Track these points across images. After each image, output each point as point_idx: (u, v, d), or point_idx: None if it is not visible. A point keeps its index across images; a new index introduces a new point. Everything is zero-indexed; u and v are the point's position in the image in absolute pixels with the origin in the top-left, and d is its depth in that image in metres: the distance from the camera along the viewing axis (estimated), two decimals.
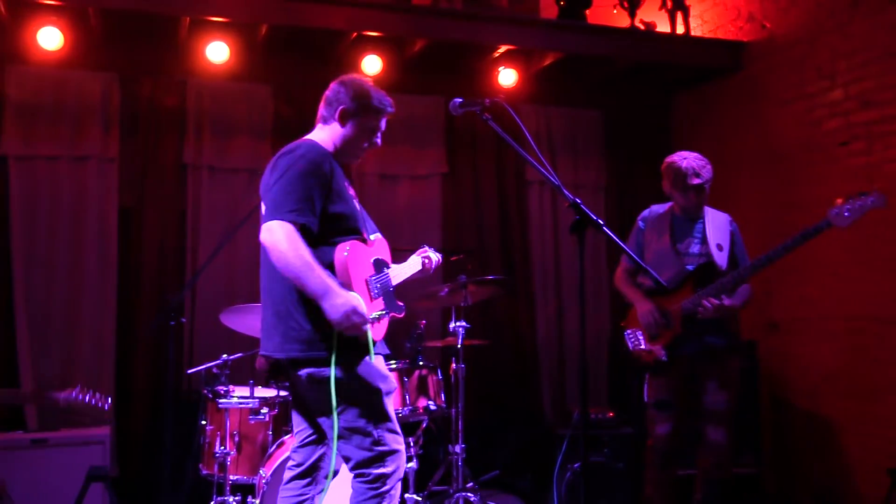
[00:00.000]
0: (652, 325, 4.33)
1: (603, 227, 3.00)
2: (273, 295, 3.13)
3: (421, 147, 6.53)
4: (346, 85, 3.32)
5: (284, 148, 3.19)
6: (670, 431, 4.34)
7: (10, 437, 5.04)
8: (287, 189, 3.00)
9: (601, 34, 6.33)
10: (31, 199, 5.69)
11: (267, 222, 2.98)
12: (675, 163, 4.37)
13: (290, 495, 3.28)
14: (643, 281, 4.50)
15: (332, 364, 2.99)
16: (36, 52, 5.54)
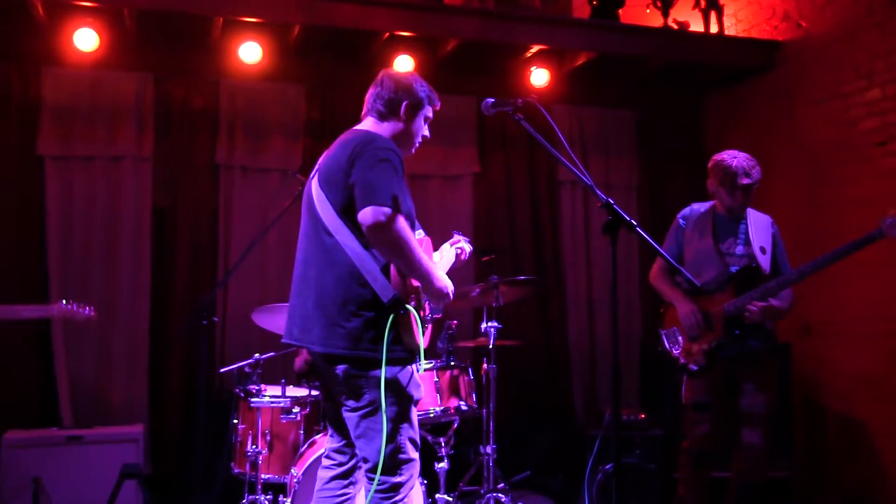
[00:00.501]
0: (694, 326, 4.28)
1: (636, 227, 2.97)
2: (322, 288, 3.07)
3: (453, 147, 6.53)
4: (403, 80, 3.34)
5: (356, 137, 3.15)
6: (707, 433, 4.30)
7: (45, 434, 5.10)
8: (384, 177, 2.98)
9: (634, 34, 6.29)
10: (67, 198, 5.76)
11: (376, 206, 2.90)
12: (725, 161, 4.31)
13: (331, 495, 3.27)
14: (682, 280, 4.44)
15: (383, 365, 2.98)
16: (72, 54, 5.61)
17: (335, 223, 3.07)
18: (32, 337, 5.64)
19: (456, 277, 5.92)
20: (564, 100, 6.69)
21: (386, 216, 2.90)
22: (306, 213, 3.24)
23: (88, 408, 5.67)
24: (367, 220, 2.91)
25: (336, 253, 3.06)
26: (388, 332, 2.99)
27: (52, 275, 5.65)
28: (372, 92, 3.33)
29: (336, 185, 3.08)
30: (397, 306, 2.99)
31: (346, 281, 3.03)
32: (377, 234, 2.93)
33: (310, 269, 3.15)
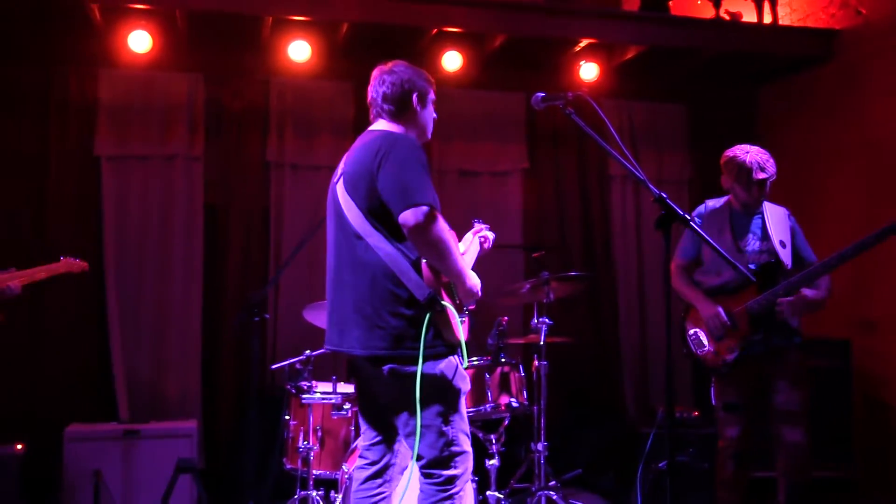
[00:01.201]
0: (719, 327, 4.19)
1: (690, 221, 2.92)
2: (358, 292, 3.07)
3: (501, 143, 6.50)
4: (403, 72, 3.29)
5: (378, 138, 3.14)
6: (740, 433, 4.21)
7: (104, 428, 5.21)
8: (417, 176, 2.97)
9: (685, 26, 6.20)
10: (122, 197, 5.87)
11: (416, 207, 2.89)
12: (738, 157, 4.22)
13: (367, 495, 3.27)
14: (702, 279, 4.35)
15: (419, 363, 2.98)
16: (126, 56, 5.71)
17: (364, 226, 3.06)
18: (91, 333, 5.76)
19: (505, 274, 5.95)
20: (614, 94, 6.62)
21: (427, 216, 2.89)
22: (333, 217, 3.23)
23: (144, 403, 5.77)
24: (408, 222, 2.90)
25: (367, 255, 3.05)
26: (425, 329, 2.98)
27: (108, 272, 5.77)
28: (375, 93, 3.29)
29: (363, 187, 3.07)
30: (433, 303, 2.98)
31: (380, 282, 3.03)
32: (420, 234, 2.92)
33: (343, 273, 3.15)
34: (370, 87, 3.32)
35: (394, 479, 3.32)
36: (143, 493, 5.04)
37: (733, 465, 4.24)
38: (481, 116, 6.47)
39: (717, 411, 4.32)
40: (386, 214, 3.02)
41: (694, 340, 4.33)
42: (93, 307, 5.77)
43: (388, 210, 3.00)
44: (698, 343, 4.31)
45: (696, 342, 4.32)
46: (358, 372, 3.29)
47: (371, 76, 3.33)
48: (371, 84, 3.31)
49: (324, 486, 4.66)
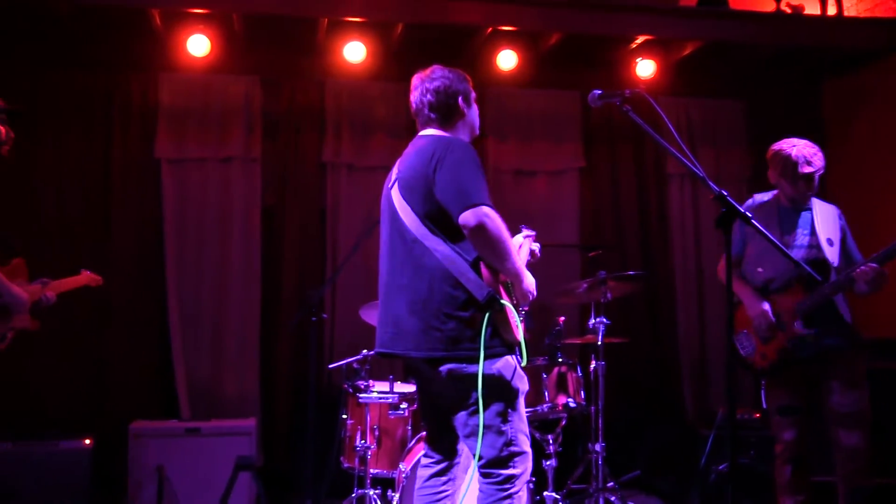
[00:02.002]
0: (765, 327, 4.09)
1: (751, 219, 2.87)
2: (415, 294, 3.09)
3: (557, 142, 6.46)
4: (444, 77, 3.32)
5: (432, 142, 3.16)
6: (796, 437, 4.09)
7: (166, 425, 5.32)
8: (474, 177, 3.01)
9: (744, 20, 6.08)
10: (181, 199, 5.97)
11: (475, 208, 2.92)
12: (784, 151, 4.14)
13: (431, 492, 3.29)
14: (751, 277, 4.23)
15: (480, 363, 2.98)
16: (185, 60, 5.81)
17: (420, 229, 3.08)
18: (153, 333, 5.88)
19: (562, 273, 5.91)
20: (671, 91, 6.53)
21: (487, 217, 2.92)
22: (388, 221, 3.26)
23: (204, 401, 5.86)
24: (469, 223, 2.93)
25: (425, 258, 3.07)
26: (484, 330, 2.98)
27: (168, 272, 5.87)
28: (419, 103, 3.31)
29: (419, 191, 3.09)
30: (493, 303, 2.98)
31: (438, 284, 3.04)
32: (480, 235, 2.94)
33: (398, 276, 3.17)
34: (413, 96, 3.35)
35: (457, 478, 3.33)
36: (204, 489, 5.11)
37: (791, 469, 4.13)
38: (536, 115, 6.44)
39: (771, 415, 4.21)
40: (443, 217, 3.04)
41: (741, 342, 4.24)
42: (155, 308, 5.88)
43: (445, 213, 3.03)
44: (745, 345, 4.21)
45: (743, 344, 4.22)
46: (416, 374, 3.31)
47: (411, 85, 3.36)
48: (413, 93, 3.34)
49: (381, 484, 4.68)
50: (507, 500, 3.07)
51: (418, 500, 3.30)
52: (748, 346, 4.20)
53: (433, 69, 3.35)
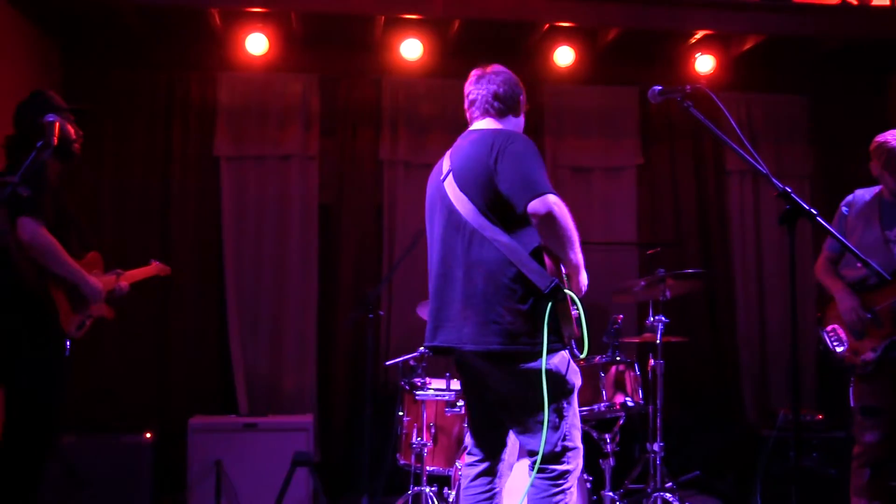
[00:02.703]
0: (857, 323, 3.97)
1: (816, 216, 2.80)
2: (472, 287, 3.05)
3: (614, 139, 6.40)
4: (509, 74, 3.34)
5: (490, 133, 3.15)
6: (880, 439, 3.96)
7: (225, 421, 5.39)
8: (538, 168, 3.00)
9: (807, 13, 5.93)
10: (240, 197, 6.04)
11: (543, 196, 2.91)
12: (888, 143, 4.00)
13: (478, 492, 3.26)
14: (846, 273, 4.12)
15: (543, 357, 2.95)
16: (243, 58, 5.88)
17: (479, 220, 3.05)
18: (212, 329, 5.96)
19: (619, 271, 5.86)
20: (731, 86, 6.41)
21: (557, 205, 2.91)
22: (442, 213, 3.21)
23: (262, 396, 5.93)
24: (539, 211, 2.90)
25: (485, 250, 3.04)
26: (547, 321, 2.96)
27: (227, 269, 5.95)
28: (484, 90, 3.29)
29: (478, 182, 3.06)
30: (557, 291, 2.96)
31: (498, 277, 3.01)
32: (549, 224, 2.92)
33: (453, 269, 3.13)
34: (473, 85, 3.33)
35: (503, 475, 3.31)
36: (262, 484, 5.17)
37: (870, 473, 4.00)
38: (594, 112, 6.39)
39: (854, 414, 4.08)
40: (503, 208, 3.02)
41: (832, 337, 4.12)
42: (214, 305, 5.96)
43: (504, 203, 3.00)
44: (837, 340, 4.10)
45: (835, 339, 4.11)
46: (467, 369, 3.25)
47: (470, 76, 3.36)
48: (474, 83, 3.33)
49: (437, 482, 4.69)
50: (559, 495, 3.05)
51: (465, 499, 3.29)
52: (840, 343, 4.09)
53: (496, 66, 3.35)
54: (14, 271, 3.56)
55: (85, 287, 3.74)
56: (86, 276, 3.74)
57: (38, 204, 3.55)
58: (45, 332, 3.64)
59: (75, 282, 3.70)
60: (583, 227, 3.62)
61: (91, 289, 3.77)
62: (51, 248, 3.56)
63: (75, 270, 3.68)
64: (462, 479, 3.36)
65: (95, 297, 3.82)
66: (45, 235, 3.54)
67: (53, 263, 3.59)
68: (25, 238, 3.51)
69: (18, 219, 3.51)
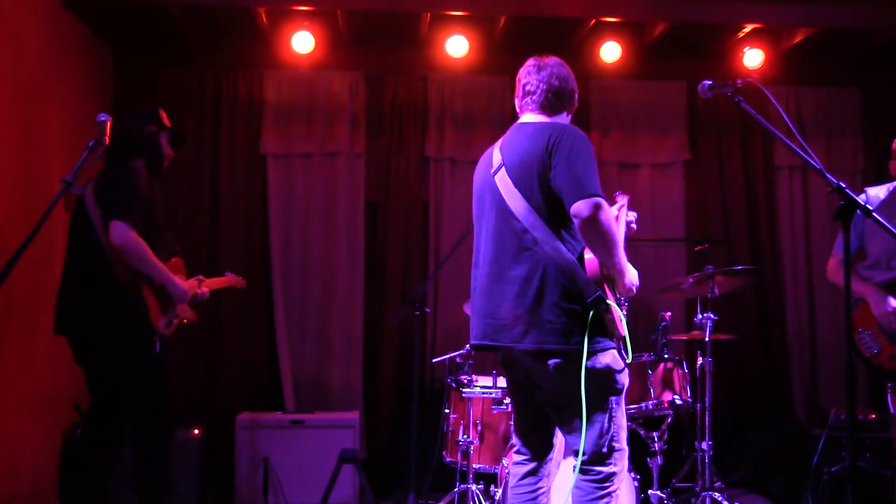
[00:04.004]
0: (894, 325, 3.88)
1: (872, 212, 2.74)
2: (525, 286, 3.02)
3: (662, 134, 6.34)
4: (565, 70, 3.29)
5: (545, 126, 3.11)
6: None
7: (272, 417, 5.43)
8: (590, 167, 2.96)
9: (858, 4, 5.81)
10: (286, 194, 6.09)
11: (588, 198, 2.87)
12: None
13: (526, 491, 3.25)
14: (869, 274, 4.02)
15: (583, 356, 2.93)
16: (290, 57, 5.92)
17: (530, 218, 3.02)
18: (259, 327, 6.01)
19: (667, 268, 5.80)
20: (780, 80, 6.31)
21: (601, 209, 2.86)
22: (493, 209, 3.16)
23: (309, 393, 5.97)
24: (582, 213, 2.86)
25: (536, 249, 3.01)
26: (590, 325, 2.94)
27: (274, 266, 6.00)
28: (541, 82, 3.23)
29: (532, 177, 3.02)
30: (600, 302, 2.94)
31: (550, 277, 2.98)
32: (591, 226, 2.87)
33: (505, 266, 3.08)
34: (532, 75, 3.26)
35: (551, 474, 3.29)
36: (308, 480, 5.21)
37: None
38: (641, 107, 6.33)
39: (894, 420, 4.01)
40: (553, 206, 2.99)
41: (864, 342, 4.02)
42: (261, 302, 6.01)
43: (555, 201, 2.98)
44: (870, 345, 4.00)
45: (867, 344, 4.01)
46: (515, 367, 3.23)
47: (528, 64, 3.30)
48: (534, 72, 3.26)
49: (483, 479, 4.69)
50: (605, 498, 3.03)
51: (513, 498, 3.27)
52: (874, 346, 3.99)
53: (556, 58, 3.30)
54: (109, 271, 3.77)
55: (172, 287, 3.93)
56: (173, 278, 3.93)
57: (129, 208, 3.74)
58: (135, 328, 3.82)
59: (163, 282, 3.89)
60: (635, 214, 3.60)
61: (178, 289, 3.96)
62: (139, 250, 3.73)
63: (163, 272, 3.87)
64: (510, 478, 3.35)
65: (182, 298, 4.02)
66: (134, 238, 3.71)
67: (142, 265, 3.77)
68: (116, 241, 3.68)
69: (110, 222, 3.70)
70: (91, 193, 3.85)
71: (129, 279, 3.79)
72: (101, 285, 3.78)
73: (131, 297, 3.80)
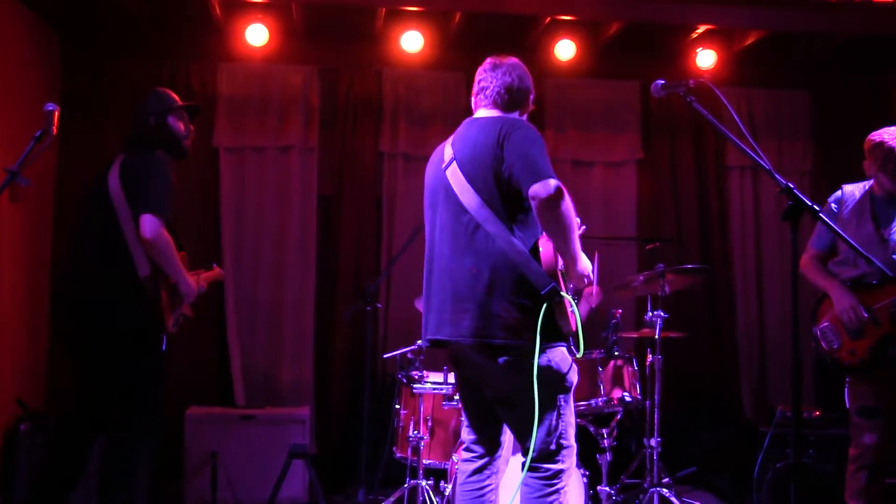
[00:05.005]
0: (855, 321, 3.86)
1: (819, 213, 2.78)
2: (475, 279, 3.01)
3: (616, 133, 6.39)
4: (523, 69, 3.29)
5: (496, 119, 3.12)
6: (878, 442, 3.85)
7: (222, 412, 5.39)
8: (543, 154, 2.97)
9: (809, 9, 5.90)
10: (238, 188, 6.05)
11: (546, 180, 2.86)
12: (886, 143, 3.87)
13: (474, 488, 3.24)
14: (841, 271, 4.03)
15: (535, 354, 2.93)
16: (244, 50, 5.87)
17: (482, 212, 3.01)
18: (210, 320, 5.94)
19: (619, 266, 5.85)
20: (732, 81, 6.39)
21: (557, 189, 2.86)
22: (445, 204, 3.16)
23: (259, 388, 5.93)
24: (539, 194, 2.85)
25: (488, 243, 3.01)
26: (541, 320, 2.93)
27: (225, 259, 5.94)
28: (495, 81, 3.24)
29: (484, 170, 3.03)
30: (554, 294, 2.93)
31: (501, 271, 2.98)
32: (549, 208, 2.87)
33: (456, 261, 3.08)
34: (488, 73, 3.27)
35: (500, 471, 3.29)
36: (258, 475, 5.17)
37: (867, 476, 3.87)
38: (595, 105, 6.37)
39: (851, 416, 3.97)
40: (505, 199, 3.00)
41: (825, 336, 4.01)
42: (212, 296, 5.92)
43: (508, 194, 2.99)
44: (830, 339, 3.99)
45: (828, 338, 4.00)
46: (464, 363, 3.21)
47: (485, 63, 3.30)
48: (489, 70, 3.27)
49: (433, 475, 4.68)
50: (554, 495, 3.03)
51: (461, 495, 3.26)
52: (834, 341, 3.98)
53: (514, 59, 3.31)
54: (131, 265, 3.68)
55: (184, 286, 3.90)
56: (186, 276, 3.90)
57: (161, 202, 3.65)
58: (151, 326, 3.77)
59: (177, 280, 3.84)
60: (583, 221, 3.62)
61: (189, 287, 3.93)
62: (169, 247, 3.69)
63: (181, 269, 3.84)
64: (458, 475, 3.34)
65: (191, 296, 3.98)
66: (165, 234, 3.65)
67: (165, 261, 3.71)
68: (147, 235, 3.60)
69: (142, 215, 3.61)
70: (116, 180, 3.73)
71: (150, 274, 3.71)
72: (122, 280, 3.68)
73: (151, 293, 3.72)
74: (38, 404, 5.41)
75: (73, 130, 5.49)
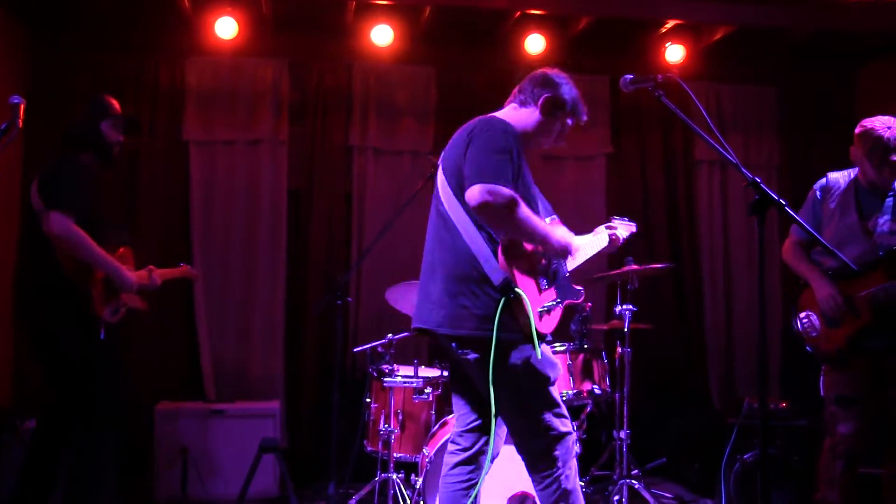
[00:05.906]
0: (834, 310, 3.85)
1: (785, 207, 2.80)
2: (447, 272, 3.09)
3: (585, 127, 6.37)
4: (556, 78, 3.33)
5: (478, 122, 3.16)
6: (854, 431, 3.84)
7: (192, 406, 5.34)
8: (494, 157, 2.98)
9: (777, 4, 5.97)
10: (208, 181, 6.01)
11: (481, 184, 2.89)
12: (876, 131, 3.83)
13: (457, 480, 3.26)
14: (822, 260, 4.01)
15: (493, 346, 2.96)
16: (213, 43, 5.83)
17: (454, 207, 3.09)
18: (179, 314, 5.92)
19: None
20: (701, 76, 6.45)
21: (490, 194, 2.88)
22: (434, 201, 3.27)
23: (229, 382, 5.90)
24: (472, 200, 2.91)
25: (456, 237, 3.08)
26: (499, 315, 2.96)
27: (195, 253, 5.92)
28: (522, 83, 3.34)
29: (455, 168, 3.10)
30: (508, 289, 2.97)
31: (464, 264, 3.04)
32: (482, 212, 2.93)
33: (436, 257, 3.17)
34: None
35: (484, 467, 3.29)
36: (228, 470, 5.16)
37: (843, 464, 3.87)
38: None
39: (827, 404, 3.96)
40: None
41: (806, 324, 4.00)
42: (181, 290, 5.90)
43: None
44: (811, 327, 3.98)
45: (809, 326, 3.99)
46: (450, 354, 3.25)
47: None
48: None
49: (404, 468, 4.70)
50: (554, 483, 3.07)
51: (444, 486, 3.28)
52: (814, 330, 3.97)
53: (567, 76, 3.41)
54: (55, 261, 3.86)
55: (116, 276, 4.01)
56: (118, 267, 4.01)
57: (67, 199, 3.81)
58: (78, 316, 3.91)
59: (106, 271, 3.96)
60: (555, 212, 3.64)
61: (122, 278, 4.03)
62: (78, 239, 3.80)
63: (106, 260, 3.95)
64: (443, 467, 3.35)
65: (126, 287, 4.08)
66: (72, 228, 3.78)
67: (83, 253, 3.85)
68: (54, 231, 3.76)
69: (48, 212, 3.78)
70: (35, 186, 3.90)
71: (74, 269, 3.85)
72: (47, 275, 3.86)
73: (75, 286, 3.86)
74: (5, 401, 5.37)
75: (41, 124, 5.42)
